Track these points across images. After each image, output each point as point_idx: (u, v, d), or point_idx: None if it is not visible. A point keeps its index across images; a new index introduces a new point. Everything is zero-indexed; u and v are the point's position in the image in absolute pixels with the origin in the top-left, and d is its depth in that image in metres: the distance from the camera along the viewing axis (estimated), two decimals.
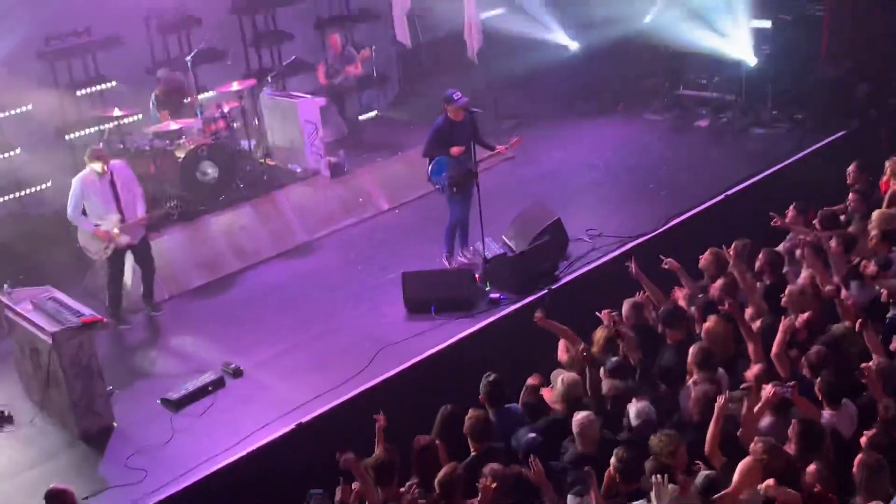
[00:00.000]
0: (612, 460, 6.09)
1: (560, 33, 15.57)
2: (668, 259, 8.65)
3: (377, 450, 6.68)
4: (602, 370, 7.27)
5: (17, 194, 11.81)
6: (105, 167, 9.29)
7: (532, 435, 6.79)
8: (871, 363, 6.69)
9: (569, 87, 15.23)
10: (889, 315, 7.51)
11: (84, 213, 9.40)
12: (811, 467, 5.66)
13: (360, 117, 14.31)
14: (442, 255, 10.53)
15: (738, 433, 6.35)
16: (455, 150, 9.96)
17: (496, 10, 15.63)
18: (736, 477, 5.75)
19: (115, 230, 9.36)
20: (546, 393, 7.48)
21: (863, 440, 5.98)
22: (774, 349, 6.99)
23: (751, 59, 14.10)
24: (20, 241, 11.57)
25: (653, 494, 5.54)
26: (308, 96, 12.88)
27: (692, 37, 14.39)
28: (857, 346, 7.08)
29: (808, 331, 7.44)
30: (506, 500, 6.07)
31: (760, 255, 8.39)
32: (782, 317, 7.36)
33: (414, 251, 10.93)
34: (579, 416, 6.54)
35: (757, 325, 7.53)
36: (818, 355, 6.86)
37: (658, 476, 5.53)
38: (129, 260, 9.86)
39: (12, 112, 11.65)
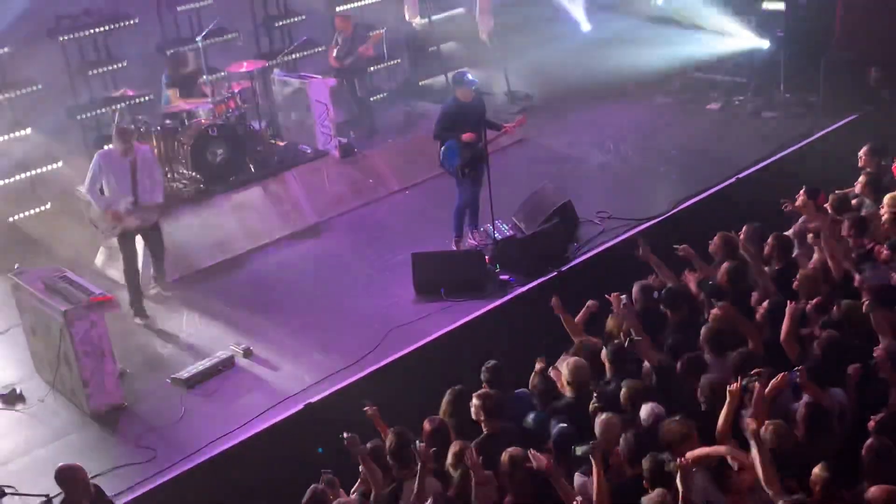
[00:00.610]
0: (621, 443, 6.10)
1: (574, 9, 15.50)
2: (683, 246, 8.61)
3: (387, 435, 6.69)
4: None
5: (27, 174, 11.82)
6: (129, 148, 9.24)
7: (563, 426, 6.73)
8: (879, 347, 6.69)
9: (580, 69, 15.16)
10: None
11: (102, 189, 9.34)
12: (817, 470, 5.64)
13: (371, 98, 14.28)
14: (451, 237, 10.53)
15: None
16: (466, 136, 9.95)
17: None
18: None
19: (123, 211, 9.28)
20: (555, 374, 7.47)
21: (870, 424, 5.95)
22: (783, 335, 6.96)
23: (763, 42, 14.04)
24: (30, 221, 11.63)
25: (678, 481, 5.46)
26: (319, 77, 12.86)
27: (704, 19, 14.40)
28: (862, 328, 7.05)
29: (818, 315, 7.41)
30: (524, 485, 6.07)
31: (769, 240, 8.35)
32: (789, 301, 7.34)
33: (424, 233, 10.93)
34: (602, 418, 6.50)
35: (763, 308, 7.49)
36: (829, 339, 6.84)
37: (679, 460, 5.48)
38: (141, 244, 9.83)
39: (22, 91, 11.65)
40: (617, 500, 5.76)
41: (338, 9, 14.17)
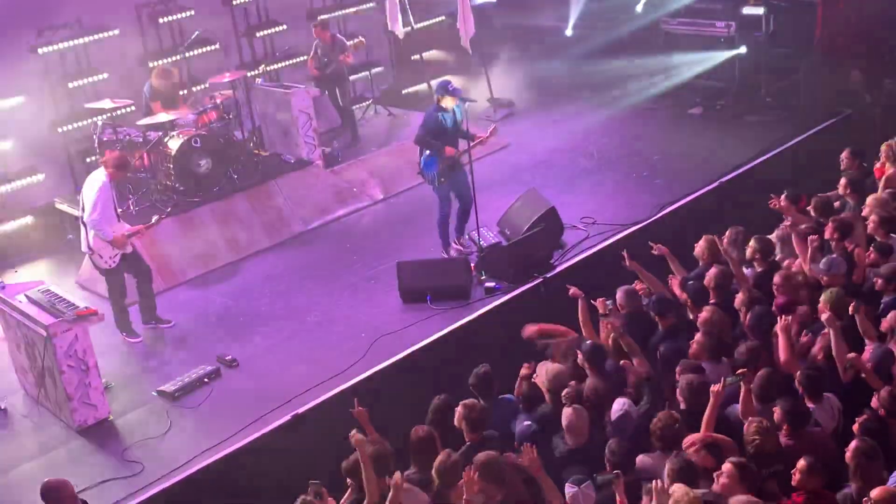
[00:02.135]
0: (606, 452, 6.13)
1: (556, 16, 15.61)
2: (658, 245, 8.72)
3: (370, 440, 6.70)
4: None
5: (9, 186, 11.79)
6: (124, 176, 9.14)
7: (527, 423, 6.83)
8: (854, 354, 6.74)
9: (563, 74, 15.24)
10: (883, 301, 7.54)
11: None
12: (801, 463, 5.68)
13: (354, 107, 14.30)
14: (437, 245, 10.54)
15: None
16: (449, 151, 9.98)
17: None
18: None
19: (123, 236, 9.09)
20: (538, 381, 7.51)
21: (855, 427, 6.00)
22: (782, 356, 6.94)
23: (744, 46, 14.13)
24: (13, 234, 11.59)
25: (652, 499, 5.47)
26: (301, 86, 12.89)
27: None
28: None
29: (800, 324, 7.46)
30: (499, 488, 6.09)
31: (751, 243, 8.42)
32: (773, 309, 7.41)
33: (408, 241, 10.96)
34: (566, 412, 6.57)
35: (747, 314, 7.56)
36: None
37: (657, 482, 5.48)
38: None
39: (4, 104, 11.63)
40: None
41: (319, 17, 14.20)
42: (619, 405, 6.79)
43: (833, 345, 6.80)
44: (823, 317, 6.98)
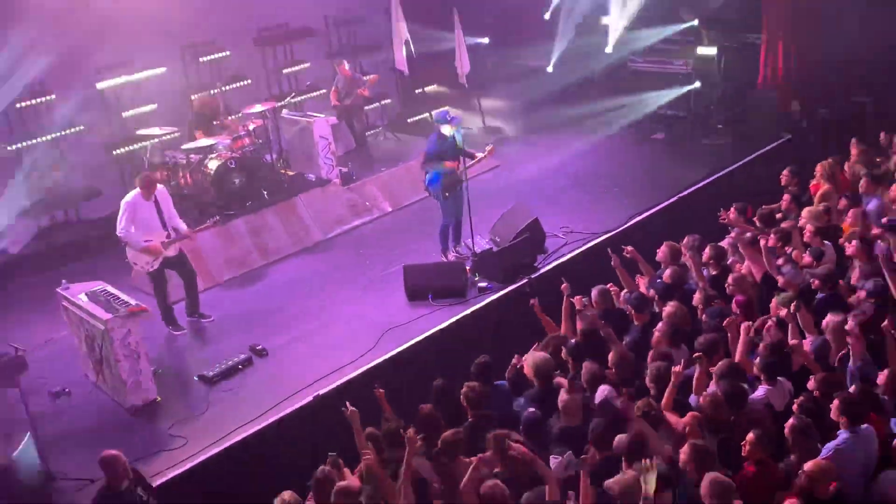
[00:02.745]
0: (590, 431, 6.08)
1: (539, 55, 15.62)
2: (629, 248, 8.71)
3: (390, 413, 6.69)
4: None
5: (74, 204, 11.79)
6: (152, 193, 9.01)
7: (531, 410, 6.74)
8: (798, 341, 6.74)
9: (545, 105, 15.23)
10: (818, 297, 7.53)
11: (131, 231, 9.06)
12: (750, 435, 5.65)
13: (367, 133, 14.29)
14: (437, 251, 10.53)
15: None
16: (449, 164, 9.97)
17: (482, 38, 15.65)
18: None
19: (160, 245, 9.05)
20: (526, 368, 7.48)
21: (794, 407, 5.99)
22: (738, 351, 6.88)
23: (699, 81, 14.14)
24: (77, 244, 11.59)
25: (642, 478, 5.28)
26: (322, 116, 12.88)
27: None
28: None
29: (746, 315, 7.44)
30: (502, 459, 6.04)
31: (706, 250, 8.41)
32: (733, 307, 7.39)
33: (413, 247, 10.93)
34: (562, 395, 6.52)
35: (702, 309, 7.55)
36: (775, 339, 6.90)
37: (647, 461, 5.32)
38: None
39: (68, 132, 11.63)
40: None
41: (337, 57, 14.22)
42: (602, 392, 6.70)
43: (789, 338, 6.80)
44: (782, 313, 6.98)
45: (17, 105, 11.33)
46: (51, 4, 10.85)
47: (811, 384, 6.23)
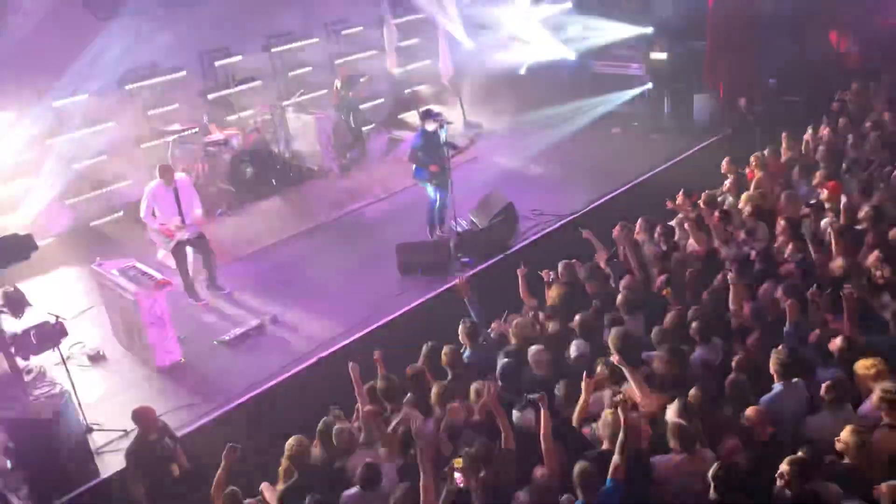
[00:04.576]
0: (561, 388, 6.05)
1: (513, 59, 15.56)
2: (586, 230, 8.72)
3: (381, 376, 6.70)
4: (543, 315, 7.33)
5: (105, 190, 11.70)
6: (171, 179, 8.96)
7: (505, 360, 6.76)
8: (736, 307, 6.79)
9: (518, 104, 15.19)
10: (755, 269, 7.59)
11: (154, 214, 9.03)
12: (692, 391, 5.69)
13: (363, 128, 14.22)
14: (426, 231, 10.52)
15: None
16: (433, 167, 9.91)
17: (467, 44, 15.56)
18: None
19: (175, 227, 9.01)
20: (506, 332, 7.51)
21: (732, 364, 6.04)
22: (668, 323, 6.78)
23: (651, 82, 14.14)
24: (108, 225, 11.51)
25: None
26: (323, 112, 12.80)
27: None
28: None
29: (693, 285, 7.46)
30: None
31: (658, 228, 8.43)
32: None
33: (404, 227, 10.89)
34: (532, 350, 6.55)
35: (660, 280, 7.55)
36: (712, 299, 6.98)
37: (621, 395, 5.34)
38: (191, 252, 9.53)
39: (100, 127, 11.50)
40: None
41: (336, 61, 14.10)
42: (576, 348, 6.67)
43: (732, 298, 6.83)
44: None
45: (53, 104, 11.16)
46: None
47: (749, 341, 6.28)
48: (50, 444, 6.51)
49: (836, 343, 5.97)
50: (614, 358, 5.98)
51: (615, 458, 5.06)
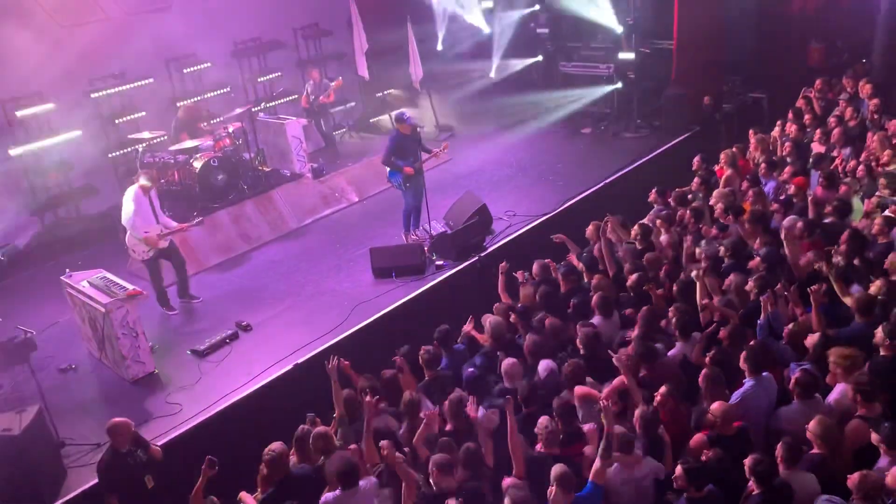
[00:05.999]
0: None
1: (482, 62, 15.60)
2: (558, 234, 8.76)
3: (357, 381, 6.66)
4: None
5: (74, 201, 11.49)
6: (148, 189, 8.79)
7: (470, 370, 6.76)
8: (709, 301, 6.85)
9: (489, 106, 15.22)
10: (724, 265, 7.66)
11: None
12: (663, 388, 5.75)
13: (334, 132, 14.15)
14: (401, 233, 10.49)
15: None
16: (407, 170, 9.88)
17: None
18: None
19: (158, 236, 8.87)
20: (476, 335, 7.52)
21: (706, 360, 6.09)
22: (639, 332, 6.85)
23: (620, 82, 14.22)
24: (78, 236, 11.33)
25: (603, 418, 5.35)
26: (293, 118, 12.72)
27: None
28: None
29: (669, 279, 7.53)
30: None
31: (634, 227, 8.48)
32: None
33: (378, 232, 10.88)
34: (506, 362, 6.53)
35: (632, 279, 7.60)
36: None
37: (606, 403, 5.36)
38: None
39: (66, 137, 11.31)
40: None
41: (308, 66, 14.03)
42: (545, 366, 6.63)
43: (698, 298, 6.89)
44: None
45: (18, 113, 10.96)
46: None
47: (721, 334, 6.33)
48: (21, 460, 6.38)
49: (813, 339, 6.03)
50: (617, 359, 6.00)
51: (596, 463, 5.09)
